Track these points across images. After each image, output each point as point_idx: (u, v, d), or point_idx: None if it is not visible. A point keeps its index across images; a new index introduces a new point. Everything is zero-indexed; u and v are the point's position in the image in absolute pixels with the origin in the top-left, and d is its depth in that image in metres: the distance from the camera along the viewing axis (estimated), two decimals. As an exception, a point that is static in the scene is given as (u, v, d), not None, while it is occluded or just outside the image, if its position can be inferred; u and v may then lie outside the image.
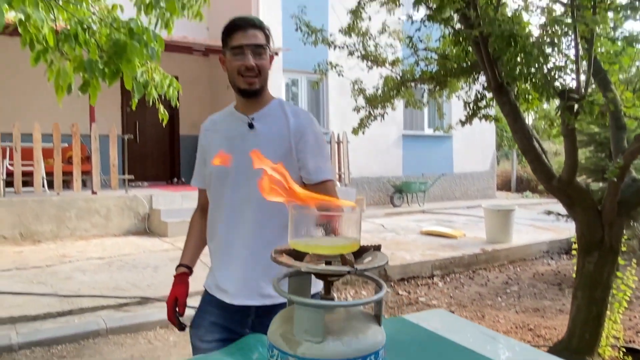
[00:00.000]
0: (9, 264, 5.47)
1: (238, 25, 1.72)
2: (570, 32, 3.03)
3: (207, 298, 1.84)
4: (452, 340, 1.41)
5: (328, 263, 1.07)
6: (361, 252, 1.15)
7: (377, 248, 1.17)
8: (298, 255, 1.09)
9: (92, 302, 4.20)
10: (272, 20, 10.28)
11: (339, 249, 1.07)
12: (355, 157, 10.90)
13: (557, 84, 3.11)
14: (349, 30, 5.65)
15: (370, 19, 5.44)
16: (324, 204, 1.06)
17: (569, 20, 2.92)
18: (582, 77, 3.18)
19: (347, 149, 10.14)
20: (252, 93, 1.73)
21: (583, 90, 3.04)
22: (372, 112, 5.83)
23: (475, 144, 13.12)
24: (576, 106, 3.06)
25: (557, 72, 3.04)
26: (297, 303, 1.03)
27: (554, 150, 15.22)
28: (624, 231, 3.55)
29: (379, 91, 5.70)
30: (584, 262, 3.54)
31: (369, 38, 5.73)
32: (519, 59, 3.13)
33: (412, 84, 5.52)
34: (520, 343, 1.45)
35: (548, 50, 2.98)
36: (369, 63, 5.87)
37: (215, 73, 11.49)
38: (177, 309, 1.85)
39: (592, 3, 3.15)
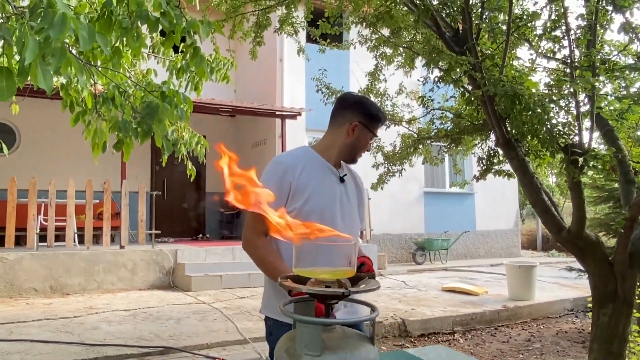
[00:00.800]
0: (39, 315, 5.66)
1: (383, 121, 2.15)
2: (574, 91, 3.22)
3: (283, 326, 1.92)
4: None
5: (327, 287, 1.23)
6: (357, 279, 1.31)
7: (372, 276, 1.33)
8: (301, 281, 1.26)
9: (116, 351, 4.33)
10: (295, 82, 10.79)
11: (337, 274, 1.23)
12: (377, 214, 11.02)
13: (562, 140, 3.26)
14: (367, 92, 5.96)
15: (385, 80, 5.73)
16: (324, 237, 1.23)
17: (569, 80, 3.11)
18: (587, 133, 3.34)
19: (368, 206, 10.28)
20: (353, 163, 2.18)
21: (586, 145, 3.18)
22: (390, 168, 6.03)
23: (498, 202, 13.14)
24: (581, 160, 3.19)
25: (560, 129, 3.20)
26: (299, 321, 1.19)
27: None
28: (638, 283, 3.58)
29: (397, 148, 5.93)
30: (598, 315, 3.56)
31: (386, 98, 6.03)
32: (523, 117, 3.31)
33: (429, 142, 5.74)
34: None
35: (551, 107, 3.16)
36: (387, 122, 6.11)
37: (241, 133, 11.95)
38: None
39: (590, 64, 3.35)
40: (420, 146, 5.91)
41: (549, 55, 3.97)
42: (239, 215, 11.53)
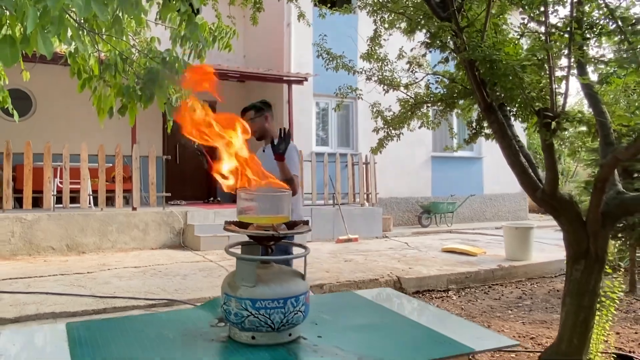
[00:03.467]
0: (55, 271, 6.05)
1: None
2: (548, 55, 3.33)
3: None
4: (383, 305, 1.75)
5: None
6: (293, 225, 1.53)
7: (306, 223, 1.55)
8: (244, 226, 1.48)
9: (124, 303, 4.67)
10: (303, 47, 10.85)
11: (272, 220, 1.45)
12: (384, 179, 11.21)
13: (537, 104, 3.40)
14: (367, 57, 6.07)
15: (381, 45, 5.81)
16: (264, 187, 1.45)
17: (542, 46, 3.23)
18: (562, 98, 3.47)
19: (374, 170, 10.47)
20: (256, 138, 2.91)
21: (560, 109, 3.31)
22: (389, 133, 6.18)
23: (506, 166, 13.15)
24: (554, 124, 3.33)
25: (534, 94, 3.33)
26: (237, 258, 1.42)
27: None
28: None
29: (395, 113, 6.07)
30: (572, 270, 3.75)
31: (387, 63, 6.13)
32: (501, 82, 3.45)
33: (425, 106, 5.87)
34: (450, 314, 1.77)
35: (524, 73, 3.28)
36: (385, 87, 6.23)
37: (250, 98, 12.11)
38: None
39: (569, 29, 3.45)
40: (418, 111, 6.04)
41: (540, 20, 4.05)
42: (248, 179, 11.82)
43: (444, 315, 1.66)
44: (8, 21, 3.06)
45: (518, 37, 4.16)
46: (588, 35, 3.68)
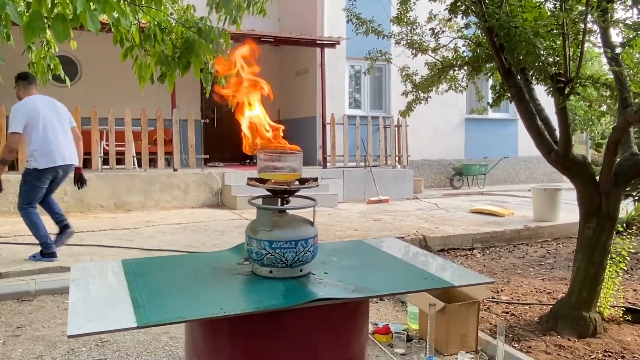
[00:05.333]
0: (105, 226, 6.59)
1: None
2: (562, 22, 3.45)
3: None
4: (385, 251, 2.04)
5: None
6: (304, 181, 1.82)
7: (315, 179, 1.84)
8: (263, 182, 1.78)
9: (167, 254, 5.12)
10: (336, 11, 10.91)
11: (285, 177, 1.74)
12: (417, 141, 11.36)
13: (552, 69, 3.54)
14: (397, 20, 6.18)
15: (414, 7, 5.88)
16: (278, 149, 1.74)
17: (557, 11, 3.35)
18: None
19: (406, 133, 10.62)
20: None
21: (573, 74, 3.45)
22: (418, 96, 6.34)
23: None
24: (568, 88, 3.48)
25: (549, 60, 3.47)
26: (257, 207, 1.72)
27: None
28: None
29: (422, 77, 6.21)
30: (584, 228, 3.94)
31: (416, 27, 6.23)
32: (518, 48, 3.60)
33: (451, 70, 5.99)
34: (444, 260, 2.04)
35: (539, 40, 3.42)
36: (413, 50, 6.35)
37: (284, 62, 12.32)
38: None
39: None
40: (446, 74, 6.15)
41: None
42: (283, 142, 12.15)
43: (437, 260, 1.94)
44: (60, 2, 3.40)
45: (543, 1, 4.25)
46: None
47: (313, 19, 11.01)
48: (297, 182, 1.77)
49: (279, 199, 1.77)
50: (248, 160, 11.94)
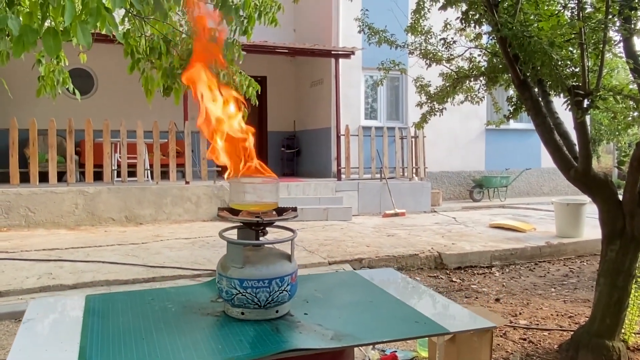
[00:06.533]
0: (113, 241, 6.50)
1: None
2: (580, 31, 3.22)
3: None
4: (376, 285, 1.84)
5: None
6: (282, 211, 1.64)
7: (294, 209, 1.66)
8: (235, 213, 1.61)
9: (172, 272, 4.99)
10: (352, 21, 10.76)
11: (260, 207, 1.57)
12: (435, 152, 11.10)
13: (569, 81, 3.31)
14: (411, 30, 5.99)
15: (428, 16, 5.69)
16: (253, 175, 1.56)
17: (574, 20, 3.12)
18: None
19: (423, 144, 10.38)
20: None
21: (592, 87, 3.21)
22: (433, 107, 6.12)
23: (566, 138, 12.68)
24: (586, 102, 3.25)
25: (567, 72, 3.24)
26: (228, 242, 1.55)
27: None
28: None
29: (437, 88, 6.00)
30: (606, 250, 3.68)
31: (431, 36, 6.03)
32: (533, 59, 3.38)
33: (467, 80, 5.76)
34: (442, 297, 1.84)
35: (556, 50, 3.20)
36: (427, 61, 6.15)
37: (300, 72, 12.21)
38: None
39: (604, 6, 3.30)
40: (462, 85, 5.94)
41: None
42: (299, 154, 12.01)
43: (435, 299, 1.73)
44: (51, 15, 3.29)
45: (561, 9, 4.02)
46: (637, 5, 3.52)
47: (328, 29, 10.88)
48: (274, 213, 1.59)
49: (255, 232, 1.59)
50: (263, 172, 11.81)
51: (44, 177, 7.92)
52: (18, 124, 7.73)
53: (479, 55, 5.50)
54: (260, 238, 1.62)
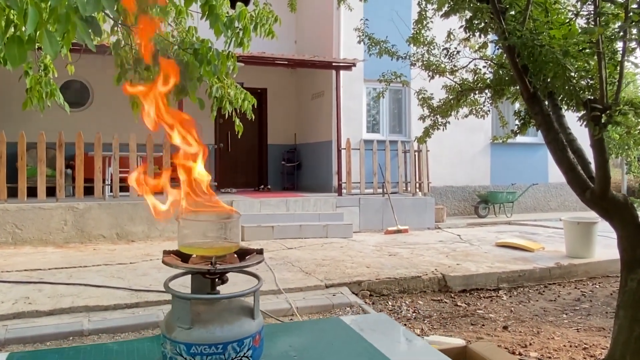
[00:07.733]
0: (100, 260, 6.18)
1: None
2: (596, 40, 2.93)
3: None
4: (364, 337, 1.53)
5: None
6: (245, 254, 1.34)
7: (260, 252, 1.35)
8: (183, 257, 1.30)
9: (157, 297, 4.66)
10: (352, 32, 10.52)
11: (217, 251, 1.26)
12: (439, 166, 10.79)
13: (584, 94, 3.01)
14: (413, 40, 5.72)
15: (431, 26, 5.43)
16: (209, 212, 1.26)
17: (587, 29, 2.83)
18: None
19: (426, 158, 10.07)
20: None
21: (610, 100, 2.91)
22: (436, 121, 5.83)
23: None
24: (604, 117, 2.94)
25: (582, 84, 2.95)
26: (173, 295, 1.24)
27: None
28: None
29: (441, 101, 5.72)
30: (626, 280, 3.35)
31: (433, 47, 5.75)
32: (544, 70, 3.08)
33: (471, 93, 5.48)
34: (437, 352, 1.52)
35: (570, 60, 2.90)
36: (430, 72, 5.88)
37: (300, 84, 11.95)
38: None
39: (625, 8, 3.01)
40: (466, 98, 5.66)
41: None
42: (300, 167, 11.72)
43: (432, 356, 1.42)
44: (16, 21, 3.02)
45: (573, 16, 3.73)
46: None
47: (329, 40, 10.63)
48: (235, 256, 1.29)
49: (210, 281, 1.28)
50: (262, 186, 11.53)
51: (35, 192, 7.64)
52: (11, 137, 7.47)
53: (484, 66, 5.23)
54: (218, 287, 1.31)
